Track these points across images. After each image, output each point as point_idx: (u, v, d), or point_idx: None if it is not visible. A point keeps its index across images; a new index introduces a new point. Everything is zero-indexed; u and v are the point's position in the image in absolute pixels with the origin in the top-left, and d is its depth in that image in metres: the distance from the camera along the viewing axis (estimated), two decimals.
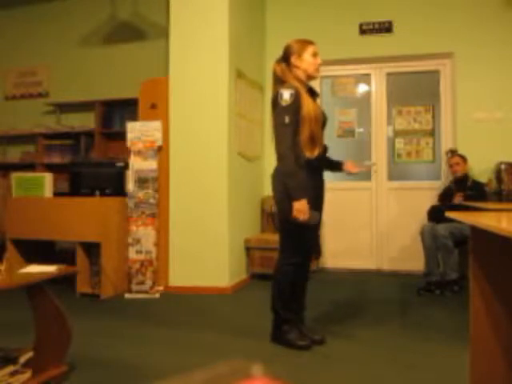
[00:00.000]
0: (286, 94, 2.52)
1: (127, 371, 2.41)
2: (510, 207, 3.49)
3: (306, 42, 2.71)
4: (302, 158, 2.56)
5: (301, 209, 2.49)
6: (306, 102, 2.57)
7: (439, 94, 5.26)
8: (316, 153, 2.60)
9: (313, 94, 2.75)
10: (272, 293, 2.77)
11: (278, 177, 2.64)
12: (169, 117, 4.37)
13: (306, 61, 2.66)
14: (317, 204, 2.70)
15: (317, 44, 2.77)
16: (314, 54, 2.68)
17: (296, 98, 2.53)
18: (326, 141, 5.91)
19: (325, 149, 2.79)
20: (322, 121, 2.73)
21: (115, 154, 5.32)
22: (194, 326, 3.21)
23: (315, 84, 5.54)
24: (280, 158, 2.58)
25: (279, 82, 2.69)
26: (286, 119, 2.51)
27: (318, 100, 2.88)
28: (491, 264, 1.87)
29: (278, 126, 2.56)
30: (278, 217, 2.75)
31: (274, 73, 2.74)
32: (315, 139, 2.58)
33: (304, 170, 2.57)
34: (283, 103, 2.52)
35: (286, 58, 2.71)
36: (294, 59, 2.67)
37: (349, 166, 2.86)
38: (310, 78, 2.72)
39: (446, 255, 4.06)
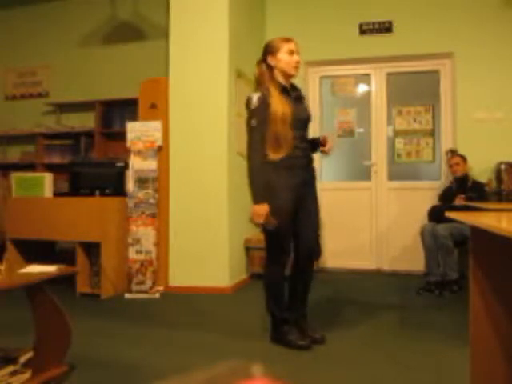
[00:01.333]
0: (254, 98, 2.57)
1: (127, 371, 2.41)
2: (510, 207, 3.49)
3: (282, 40, 2.68)
4: (269, 160, 2.55)
5: (258, 212, 2.52)
6: (275, 103, 2.56)
7: (439, 94, 5.26)
8: (281, 154, 2.56)
9: (292, 91, 2.70)
10: (265, 294, 2.79)
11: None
12: (169, 117, 4.37)
13: (281, 60, 2.64)
14: (297, 204, 2.65)
15: (295, 41, 2.71)
16: (290, 52, 2.65)
17: (263, 100, 2.55)
18: None
19: (306, 149, 2.74)
20: (302, 119, 2.68)
21: (115, 154, 5.32)
22: (193, 326, 3.21)
23: (314, 84, 5.57)
24: (247, 159, 2.60)
25: (258, 83, 2.71)
26: (253, 122, 2.55)
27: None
28: (491, 264, 1.87)
29: (247, 129, 2.60)
30: None
31: (254, 75, 2.76)
32: (280, 140, 2.55)
33: (278, 170, 2.56)
34: (252, 106, 2.57)
35: (264, 58, 2.71)
36: (270, 59, 2.67)
37: (326, 148, 2.75)
38: (288, 76, 2.69)
39: (446, 255, 4.06)
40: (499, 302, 1.85)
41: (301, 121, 2.67)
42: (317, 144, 2.83)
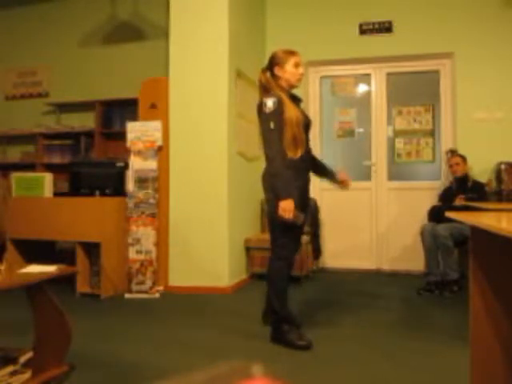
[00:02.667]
0: (270, 102, 2.70)
1: (127, 371, 2.41)
2: (510, 207, 3.49)
3: (288, 53, 2.83)
4: (287, 159, 2.69)
5: (286, 208, 2.60)
6: (288, 107, 2.72)
7: (439, 94, 5.26)
8: (299, 153, 2.74)
9: (296, 100, 2.88)
10: (268, 293, 2.83)
11: (267, 178, 2.78)
12: (169, 117, 4.37)
13: (287, 71, 2.80)
14: (302, 203, 2.79)
15: (299, 55, 2.86)
16: (296, 65, 2.81)
17: (279, 104, 2.69)
18: (326, 141, 5.88)
19: (309, 152, 2.92)
20: (306, 124, 2.85)
21: (115, 154, 5.32)
22: (194, 325, 3.21)
23: (314, 84, 5.57)
24: (269, 160, 2.71)
25: (264, 89, 2.85)
26: (272, 125, 2.67)
27: (303, 104, 3.03)
28: (491, 264, 1.87)
29: (265, 132, 2.72)
30: (268, 216, 2.85)
31: (260, 81, 2.90)
32: (297, 141, 2.73)
33: (290, 170, 2.68)
34: (267, 110, 2.69)
35: (270, 67, 2.86)
36: (276, 70, 2.82)
37: (342, 176, 3.03)
38: (292, 86, 2.86)
39: (446, 255, 4.06)
40: (499, 301, 1.85)
41: (306, 126, 2.85)
42: (329, 173, 3.07)
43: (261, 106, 2.75)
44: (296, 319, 2.88)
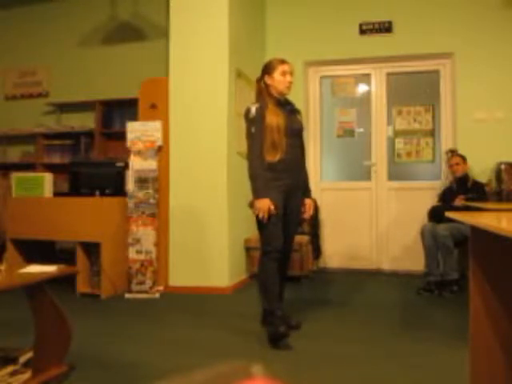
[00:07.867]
0: (253, 109, 2.90)
1: (127, 371, 2.41)
2: (510, 207, 3.49)
3: (278, 62, 2.99)
4: (266, 162, 2.84)
5: (259, 207, 2.77)
6: (270, 114, 2.88)
7: (439, 94, 5.26)
8: (277, 157, 2.87)
9: (287, 107, 2.99)
10: (258, 290, 2.94)
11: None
12: (169, 117, 4.37)
13: (276, 79, 2.94)
14: (287, 202, 2.91)
15: (289, 63, 2.98)
16: (284, 73, 2.94)
17: (260, 111, 2.87)
18: (326, 141, 5.87)
19: (297, 156, 2.98)
20: (292, 130, 2.94)
21: (115, 154, 5.32)
22: (194, 325, 3.21)
23: (314, 84, 5.57)
24: (248, 162, 2.89)
25: (258, 96, 3.03)
26: (253, 129, 2.88)
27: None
28: (491, 264, 1.87)
29: (247, 136, 2.91)
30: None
31: (255, 89, 3.10)
32: (276, 145, 2.87)
33: (269, 172, 2.83)
34: (250, 116, 2.90)
35: (262, 76, 3.02)
36: (266, 78, 2.98)
37: (308, 202, 3.10)
38: (282, 94, 2.98)
39: (446, 255, 4.06)
40: (499, 301, 1.85)
41: (293, 130, 2.96)
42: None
43: (246, 113, 2.93)
44: (287, 317, 2.95)
